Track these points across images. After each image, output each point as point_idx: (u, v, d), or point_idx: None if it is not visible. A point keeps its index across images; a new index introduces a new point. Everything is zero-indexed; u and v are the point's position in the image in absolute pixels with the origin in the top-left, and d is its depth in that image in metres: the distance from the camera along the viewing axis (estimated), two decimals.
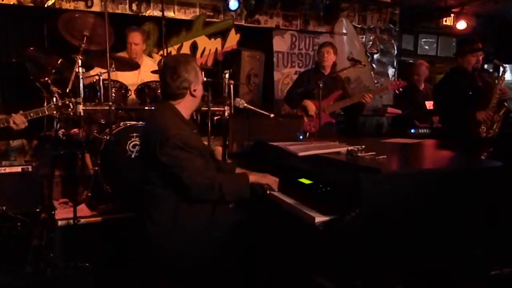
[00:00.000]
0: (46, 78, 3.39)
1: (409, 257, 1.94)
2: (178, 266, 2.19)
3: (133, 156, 3.43)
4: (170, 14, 5.30)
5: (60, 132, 3.44)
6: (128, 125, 3.52)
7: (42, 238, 3.10)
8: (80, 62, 3.37)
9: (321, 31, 6.19)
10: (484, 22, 6.87)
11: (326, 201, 1.91)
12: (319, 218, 1.80)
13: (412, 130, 4.75)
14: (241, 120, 3.66)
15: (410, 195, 1.90)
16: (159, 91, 3.64)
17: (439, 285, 2.10)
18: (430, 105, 4.72)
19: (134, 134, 3.45)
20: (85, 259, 2.93)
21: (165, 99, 2.36)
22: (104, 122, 3.66)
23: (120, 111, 3.72)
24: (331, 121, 4.32)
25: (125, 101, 3.75)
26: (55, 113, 3.07)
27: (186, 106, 2.34)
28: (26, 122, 2.97)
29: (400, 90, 4.48)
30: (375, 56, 6.72)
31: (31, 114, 2.98)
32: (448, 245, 2.01)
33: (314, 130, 4.13)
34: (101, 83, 3.55)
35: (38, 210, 3.31)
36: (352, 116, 4.86)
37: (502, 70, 3.84)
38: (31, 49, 3.83)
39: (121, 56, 3.97)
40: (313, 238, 1.95)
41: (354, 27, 6.38)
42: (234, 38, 5.73)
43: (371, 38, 6.64)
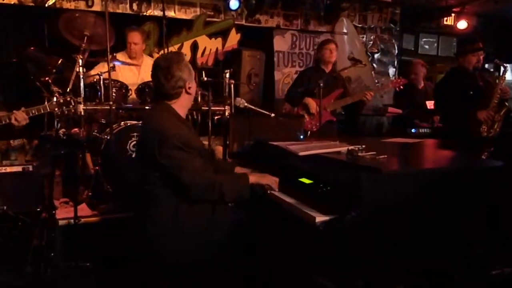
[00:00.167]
0: (47, 78, 3.40)
1: (409, 257, 1.94)
2: (178, 266, 2.19)
3: (133, 155, 3.43)
4: (170, 13, 5.29)
5: (60, 131, 3.44)
6: (128, 124, 3.53)
7: (42, 237, 3.10)
8: (80, 61, 3.37)
9: (321, 31, 6.19)
10: (484, 21, 6.86)
11: (326, 200, 1.91)
12: (320, 218, 1.80)
13: (412, 130, 4.74)
14: (241, 119, 3.66)
15: (410, 195, 1.89)
16: None
17: (440, 285, 2.10)
18: (430, 104, 4.72)
19: (135, 134, 3.46)
20: (85, 259, 2.93)
21: (160, 99, 2.33)
22: (104, 122, 3.66)
23: (120, 111, 3.72)
24: (332, 119, 4.31)
25: (125, 100, 3.76)
26: (57, 110, 3.07)
27: (182, 105, 2.33)
28: (27, 119, 2.97)
29: (400, 88, 4.49)
30: (376, 55, 6.71)
31: (33, 111, 2.99)
32: (448, 245, 2.01)
33: (315, 129, 4.12)
34: (101, 83, 3.56)
35: (39, 209, 3.31)
36: (352, 115, 4.86)
37: (502, 69, 3.84)
38: (32, 48, 3.84)
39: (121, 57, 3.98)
40: (313, 238, 1.95)
41: (355, 27, 6.37)
42: (234, 38, 5.73)
43: (372, 37, 6.63)
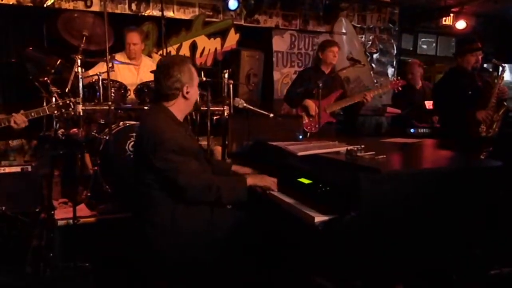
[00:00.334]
0: (46, 78, 3.40)
1: (408, 257, 1.94)
2: (178, 267, 2.19)
3: (132, 156, 3.42)
4: (169, 14, 5.30)
5: (59, 132, 3.44)
6: (127, 125, 3.52)
7: (41, 238, 3.10)
8: (79, 62, 3.37)
9: (320, 31, 6.19)
10: (483, 21, 6.87)
11: (325, 200, 1.91)
12: (319, 218, 1.80)
13: (411, 130, 4.75)
14: (240, 120, 3.66)
15: (409, 195, 1.90)
16: None
17: (439, 285, 2.10)
18: (429, 104, 4.72)
19: (134, 134, 3.46)
20: (84, 259, 2.93)
21: (157, 100, 2.33)
22: (103, 122, 3.66)
23: (119, 111, 3.72)
24: (332, 120, 4.30)
25: (124, 101, 3.75)
26: (56, 112, 3.07)
27: (179, 108, 2.31)
28: (26, 121, 2.98)
29: (399, 88, 4.49)
30: (375, 55, 6.72)
31: (32, 114, 2.99)
32: (447, 245, 2.01)
33: (314, 130, 4.12)
34: (100, 83, 3.55)
35: (38, 210, 3.31)
36: (351, 115, 4.85)
37: (501, 69, 3.84)
38: (31, 49, 3.84)
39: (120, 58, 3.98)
40: (312, 238, 1.95)
41: (354, 27, 6.38)
42: (233, 38, 5.73)
43: (371, 37, 6.64)
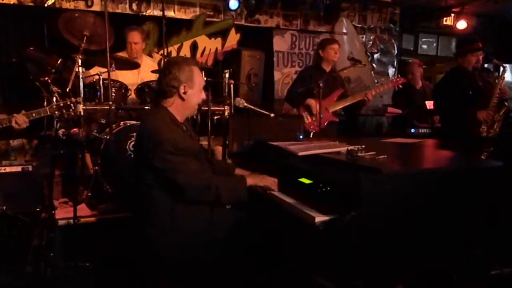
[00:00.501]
0: (46, 78, 3.39)
1: (409, 257, 1.94)
2: (178, 266, 2.19)
3: (133, 155, 3.42)
4: (170, 13, 5.30)
5: (60, 131, 3.43)
6: (128, 124, 3.52)
7: (42, 238, 3.10)
8: (80, 61, 3.37)
9: (321, 31, 6.20)
10: (484, 22, 6.87)
11: (326, 200, 1.91)
12: (319, 218, 1.80)
13: (412, 130, 4.75)
14: (241, 119, 3.66)
15: (410, 195, 1.89)
16: None
17: (439, 285, 2.10)
18: (430, 104, 4.72)
19: (134, 134, 3.45)
20: (85, 259, 2.93)
21: (157, 98, 2.34)
22: (104, 122, 3.66)
23: (120, 111, 3.71)
24: (335, 120, 4.27)
25: (125, 100, 3.75)
26: (57, 113, 3.07)
27: (177, 108, 2.30)
28: (27, 122, 2.98)
29: (399, 86, 4.49)
30: (375, 55, 6.72)
31: (33, 114, 3.00)
32: (448, 245, 2.01)
33: (318, 129, 4.10)
34: (101, 83, 3.55)
35: (38, 209, 3.30)
36: (352, 115, 4.85)
37: (502, 69, 3.84)
38: (31, 48, 3.84)
39: (121, 56, 3.97)
40: (313, 238, 1.95)
41: (354, 27, 6.38)
42: (234, 38, 5.74)
43: (371, 37, 6.64)
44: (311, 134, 4.07)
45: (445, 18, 6.61)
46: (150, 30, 5.23)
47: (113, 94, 3.55)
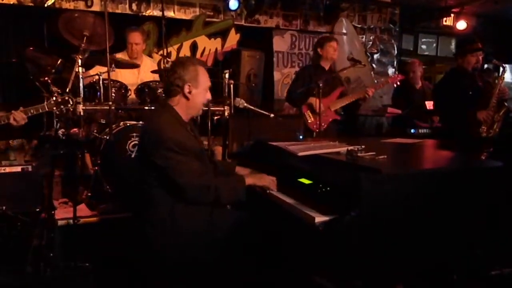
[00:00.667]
0: (46, 78, 3.39)
1: (409, 257, 1.94)
2: (178, 267, 2.19)
3: (133, 155, 3.42)
4: (170, 14, 5.30)
5: (60, 131, 3.44)
6: (128, 124, 3.52)
7: (42, 238, 3.09)
8: (80, 61, 3.37)
9: (321, 31, 6.19)
10: (484, 22, 6.88)
11: (326, 201, 1.91)
12: (319, 218, 1.80)
13: (412, 130, 4.74)
14: (241, 120, 3.66)
15: (410, 195, 1.90)
16: (159, 91, 3.65)
17: (440, 285, 2.10)
18: (430, 105, 4.72)
19: (134, 134, 3.45)
20: (85, 259, 2.93)
21: (164, 97, 2.38)
22: (104, 122, 3.66)
23: (120, 111, 3.72)
24: (337, 118, 4.25)
25: (125, 100, 3.75)
26: (55, 109, 3.06)
27: (182, 108, 2.31)
28: (26, 118, 2.97)
29: (397, 83, 4.49)
30: (375, 56, 6.72)
31: (31, 111, 2.99)
32: (448, 245, 2.01)
33: (321, 129, 4.07)
34: (101, 83, 3.55)
35: (38, 210, 3.30)
36: (352, 115, 4.85)
37: (501, 70, 3.84)
38: (31, 48, 3.83)
39: (120, 57, 3.98)
40: (313, 238, 1.95)
41: (354, 27, 6.39)
42: (234, 38, 5.74)
43: (371, 38, 6.65)
44: (314, 133, 4.03)
45: (444, 18, 6.62)
46: (150, 30, 5.23)
47: (113, 94, 3.56)
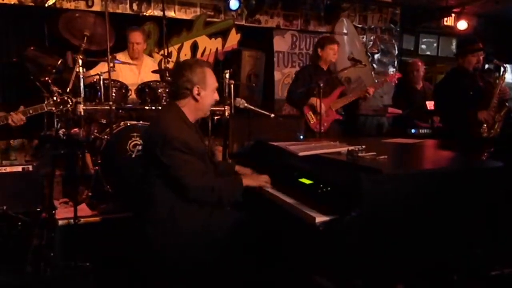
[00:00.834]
0: (47, 78, 3.39)
1: (409, 257, 1.94)
2: (178, 266, 2.19)
3: (133, 155, 3.42)
4: (170, 13, 5.30)
5: (60, 131, 3.44)
6: (128, 124, 3.52)
7: (42, 237, 3.10)
8: (80, 61, 3.37)
9: (321, 31, 6.19)
10: (485, 22, 6.87)
11: (326, 201, 1.91)
12: (320, 218, 1.80)
13: (412, 130, 4.74)
14: (241, 120, 3.66)
15: (410, 195, 1.89)
16: (159, 91, 3.65)
17: (440, 285, 2.10)
18: (430, 105, 4.71)
19: (135, 134, 3.46)
20: (85, 259, 2.93)
21: (171, 99, 2.41)
22: (104, 122, 3.66)
23: (120, 111, 3.72)
24: (339, 118, 4.24)
25: (125, 100, 3.75)
26: (54, 109, 3.07)
27: (190, 109, 2.33)
28: (24, 119, 2.98)
29: (396, 81, 4.49)
30: (376, 56, 6.72)
31: (30, 111, 2.99)
32: (448, 245, 2.01)
33: (323, 129, 4.04)
34: (101, 83, 3.55)
35: (39, 209, 3.30)
36: (352, 115, 4.84)
37: (502, 70, 3.84)
38: (32, 48, 3.84)
39: (121, 58, 3.99)
40: (313, 238, 1.95)
41: (355, 27, 6.38)
42: (234, 38, 5.74)
43: (372, 38, 6.64)
44: (317, 135, 3.98)
45: (445, 19, 6.61)
46: (151, 30, 5.23)
47: (113, 94, 3.56)
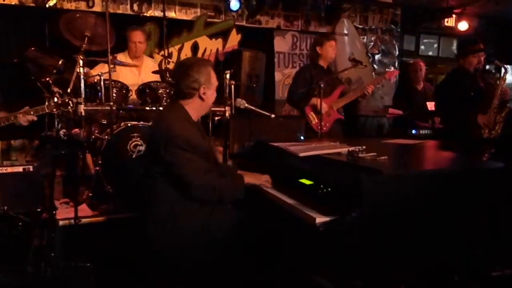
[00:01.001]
0: (47, 78, 3.39)
1: (410, 257, 1.94)
2: (178, 267, 2.19)
3: (134, 156, 3.43)
4: (171, 14, 5.30)
5: (61, 132, 3.44)
6: (129, 125, 3.52)
7: (43, 238, 3.09)
8: (81, 62, 3.38)
9: (322, 32, 6.18)
10: (485, 23, 6.87)
11: (327, 201, 1.91)
12: (320, 219, 1.80)
13: (413, 131, 4.74)
14: (242, 120, 3.66)
15: (411, 196, 1.89)
16: (160, 92, 3.65)
17: (440, 285, 2.10)
18: (431, 105, 4.71)
19: (135, 134, 3.46)
20: (86, 259, 2.93)
21: (175, 98, 2.41)
22: (105, 122, 3.66)
23: (121, 111, 3.72)
24: (341, 117, 4.23)
25: (126, 101, 3.76)
26: (55, 111, 3.08)
27: (195, 108, 2.35)
28: (35, 117, 3.00)
29: (394, 78, 4.48)
30: (376, 56, 6.71)
31: (31, 113, 3.00)
32: (449, 245, 2.01)
33: (325, 129, 4.03)
34: (102, 83, 3.56)
35: (39, 210, 3.30)
36: (352, 116, 4.84)
37: (503, 71, 3.84)
38: (32, 49, 3.84)
39: (121, 58, 3.99)
40: (313, 239, 1.95)
41: (356, 28, 6.37)
42: (235, 39, 5.74)
43: (373, 38, 6.63)
44: (319, 134, 3.95)
45: (446, 19, 6.60)
46: (151, 31, 5.23)
47: (114, 95, 3.56)
